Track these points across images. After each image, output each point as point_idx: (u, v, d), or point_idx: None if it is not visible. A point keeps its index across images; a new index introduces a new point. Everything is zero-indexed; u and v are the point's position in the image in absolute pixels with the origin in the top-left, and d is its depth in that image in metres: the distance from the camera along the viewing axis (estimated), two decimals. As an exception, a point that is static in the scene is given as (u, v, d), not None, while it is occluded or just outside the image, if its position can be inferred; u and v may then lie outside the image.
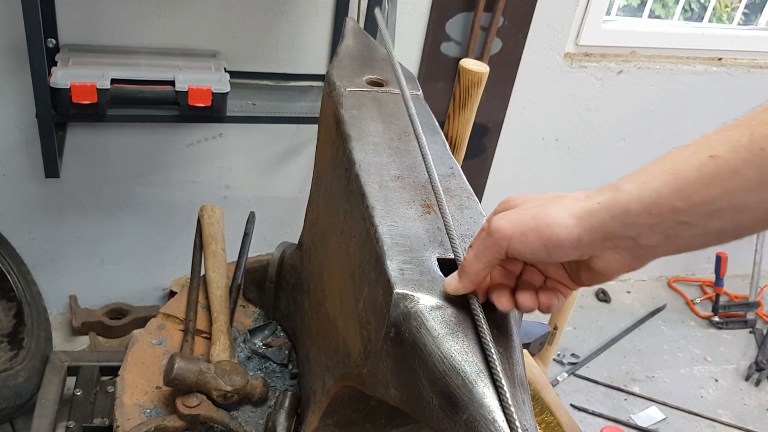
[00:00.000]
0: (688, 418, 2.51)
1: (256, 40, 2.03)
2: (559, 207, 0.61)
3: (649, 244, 0.59)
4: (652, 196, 0.57)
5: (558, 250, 0.61)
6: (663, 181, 0.57)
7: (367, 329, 0.78)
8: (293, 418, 1.08)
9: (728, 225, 0.56)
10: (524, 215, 0.62)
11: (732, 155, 0.54)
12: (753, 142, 0.53)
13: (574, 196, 0.63)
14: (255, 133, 2.20)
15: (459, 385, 0.64)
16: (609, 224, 0.59)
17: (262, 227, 2.33)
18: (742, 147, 0.54)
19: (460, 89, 1.30)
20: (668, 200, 0.56)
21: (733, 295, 3.13)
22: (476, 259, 0.65)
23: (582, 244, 0.60)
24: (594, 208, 0.60)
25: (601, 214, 0.59)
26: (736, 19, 2.67)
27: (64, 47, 1.85)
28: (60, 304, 2.37)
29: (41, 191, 2.11)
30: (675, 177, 0.56)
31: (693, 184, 0.55)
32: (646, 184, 0.58)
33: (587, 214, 0.60)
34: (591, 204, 0.60)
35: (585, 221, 0.60)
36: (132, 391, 1.14)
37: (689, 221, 0.56)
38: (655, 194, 0.57)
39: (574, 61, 2.43)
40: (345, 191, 0.91)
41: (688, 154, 0.57)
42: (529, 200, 0.65)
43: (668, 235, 0.58)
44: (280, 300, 1.30)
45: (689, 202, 0.56)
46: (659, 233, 0.58)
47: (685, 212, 0.56)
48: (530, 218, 0.62)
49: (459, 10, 2.17)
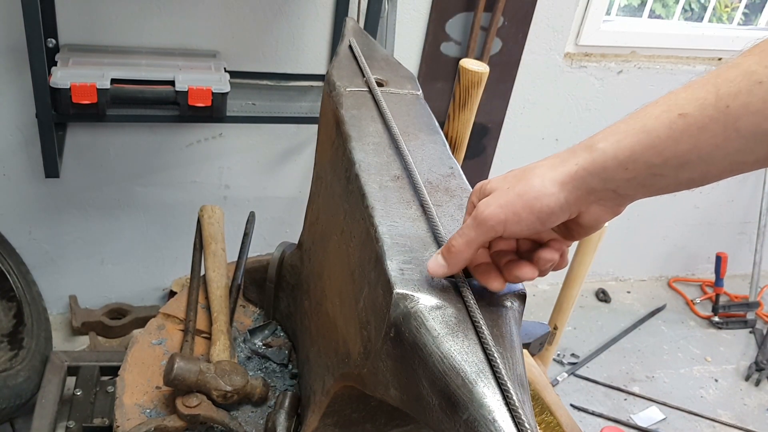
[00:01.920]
0: (688, 418, 2.51)
1: (256, 40, 2.03)
2: (541, 178, 0.65)
3: (627, 194, 0.64)
4: (626, 153, 0.61)
5: (551, 217, 0.65)
6: (636, 139, 0.61)
7: (367, 329, 0.78)
8: (293, 418, 1.08)
9: (697, 175, 0.60)
10: (510, 196, 0.65)
11: (700, 113, 0.58)
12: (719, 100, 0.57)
13: (548, 163, 0.67)
14: (255, 133, 2.20)
15: (459, 385, 0.64)
16: (590, 182, 0.63)
17: (262, 227, 2.33)
18: (709, 105, 0.57)
19: (460, 89, 1.30)
20: (642, 156, 0.61)
21: (733, 295, 3.13)
22: (467, 246, 0.68)
23: (570, 206, 0.64)
24: (573, 170, 0.64)
25: (581, 175, 0.63)
26: (736, 19, 2.67)
27: (64, 47, 1.85)
28: (60, 304, 2.37)
29: (41, 191, 2.11)
30: (647, 135, 0.60)
31: (664, 141, 0.59)
32: (620, 143, 0.62)
33: (569, 177, 0.64)
34: (570, 167, 0.64)
35: (568, 185, 0.64)
36: (132, 391, 1.14)
37: (662, 173, 0.61)
38: (629, 152, 0.61)
39: (574, 61, 2.43)
40: (345, 191, 0.91)
41: (658, 112, 0.61)
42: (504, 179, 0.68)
43: (643, 185, 0.62)
44: (280, 300, 1.30)
45: (661, 158, 0.60)
46: (635, 185, 0.62)
47: (657, 166, 0.60)
48: (517, 197, 0.65)
49: (459, 10, 2.17)
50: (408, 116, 1.00)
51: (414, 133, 0.97)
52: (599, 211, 0.66)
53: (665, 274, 3.26)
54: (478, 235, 0.67)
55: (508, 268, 0.70)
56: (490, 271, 0.70)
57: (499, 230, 0.65)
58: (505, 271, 0.70)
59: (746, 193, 3.06)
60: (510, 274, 0.69)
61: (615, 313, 2.98)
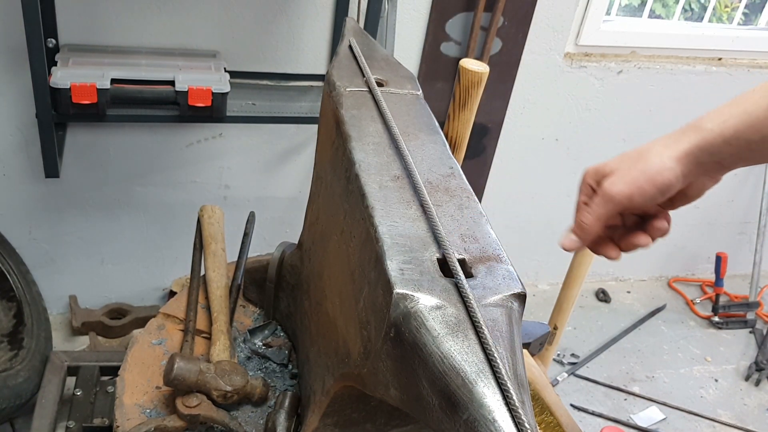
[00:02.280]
0: (688, 418, 2.51)
1: (256, 40, 2.03)
2: (659, 156, 0.77)
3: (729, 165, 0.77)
4: (730, 132, 0.74)
5: (670, 189, 0.77)
6: (739, 119, 0.74)
7: (367, 329, 0.78)
8: (293, 418, 1.08)
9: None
10: (634, 174, 0.77)
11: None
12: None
13: (662, 143, 0.78)
14: (255, 133, 2.20)
15: (459, 385, 0.64)
16: (700, 157, 0.76)
17: (262, 227, 2.33)
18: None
19: (460, 89, 1.30)
20: (744, 134, 0.74)
21: (733, 295, 3.13)
22: (597, 221, 0.79)
23: (685, 178, 0.77)
24: (687, 147, 0.76)
25: (693, 151, 0.76)
26: (736, 19, 2.67)
27: (64, 47, 1.85)
28: (60, 304, 2.37)
29: (41, 191, 2.11)
30: (748, 116, 0.73)
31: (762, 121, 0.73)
32: (725, 123, 0.75)
33: (684, 153, 0.76)
34: (683, 145, 0.76)
35: (683, 160, 0.76)
36: (132, 391, 1.14)
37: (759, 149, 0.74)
38: (733, 131, 0.74)
39: (574, 61, 2.43)
40: (345, 191, 0.91)
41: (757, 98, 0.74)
42: (622, 161, 0.79)
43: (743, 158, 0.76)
44: (280, 300, 1.30)
45: (759, 135, 0.73)
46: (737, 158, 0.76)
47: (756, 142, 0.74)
48: (640, 173, 0.76)
49: (459, 10, 2.17)
50: (408, 116, 1.00)
51: (414, 133, 0.97)
52: (704, 181, 0.79)
53: (665, 274, 3.26)
54: (608, 210, 0.78)
55: (624, 240, 0.81)
56: (607, 243, 0.82)
57: (625, 204, 0.77)
58: (622, 243, 0.82)
59: (746, 193, 3.06)
60: (628, 243, 0.81)
61: (615, 313, 2.98)
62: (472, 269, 0.75)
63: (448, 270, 0.73)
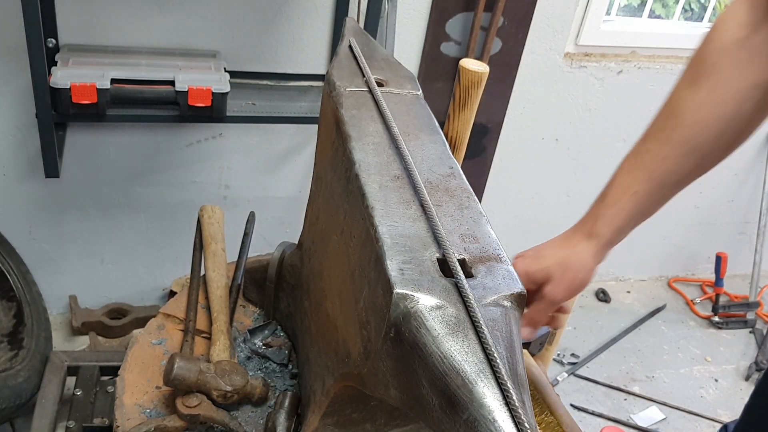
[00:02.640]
0: (688, 418, 2.51)
1: (256, 40, 2.03)
2: (581, 264, 0.98)
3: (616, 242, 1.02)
4: (623, 231, 1.01)
5: (587, 285, 1.01)
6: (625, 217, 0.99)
7: (367, 329, 0.78)
8: (293, 418, 1.08)
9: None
10: (568, 282, 0.98)
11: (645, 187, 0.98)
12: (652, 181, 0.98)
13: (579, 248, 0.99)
14: (255, 133, 2.20)
15: (459, 385, 0.64)
16: (605, 253, 1.00)
17: (262, 227, 2.33)
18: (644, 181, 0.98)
19: (460, 89, 1.30)
20: (628, 227, 1.01)
21: (733, 295, 3.13)
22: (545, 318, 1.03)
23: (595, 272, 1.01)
24: (595, 252, 0.98)
25: (599, 254, 0.99)
26: (736, 19, 2.67)
27: (64, 47, 1.85)
28: (60, 304, 2.37)
29: (41, 191, 2.11)
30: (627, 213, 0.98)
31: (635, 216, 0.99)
32: (615, 225, 0.99)
33: (595, 260, 0.99)
34: (592, 250, 0.98)
35: (597, 259, 0.99)
36: (132, 391, 1.14)
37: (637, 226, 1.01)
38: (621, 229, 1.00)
39: (574, 61, 2.43)
40: (345, 191, 0.91)
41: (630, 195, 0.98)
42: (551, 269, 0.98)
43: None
44: (280, 300, 1.30)
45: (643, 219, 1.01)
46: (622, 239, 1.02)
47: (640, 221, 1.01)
48: (573, 281, 0.99)
49: (459, 10, 2.17)
50: (408, 116, 1.00)
51: (414, 133, 0.97)
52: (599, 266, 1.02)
53: (665, 274, 3.26)
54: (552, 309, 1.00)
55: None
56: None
57: (560, 302, 1.00)
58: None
59: (746, 193, 3.06)
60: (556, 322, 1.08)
61: (615, 313, 2.98)
62: (472, 269, 0.75)
63: (448, 270, 0.73)
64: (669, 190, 0.99)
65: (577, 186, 2.74)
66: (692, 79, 0.92)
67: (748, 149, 2.91)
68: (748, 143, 2.99)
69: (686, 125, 0.92)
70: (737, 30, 0.90)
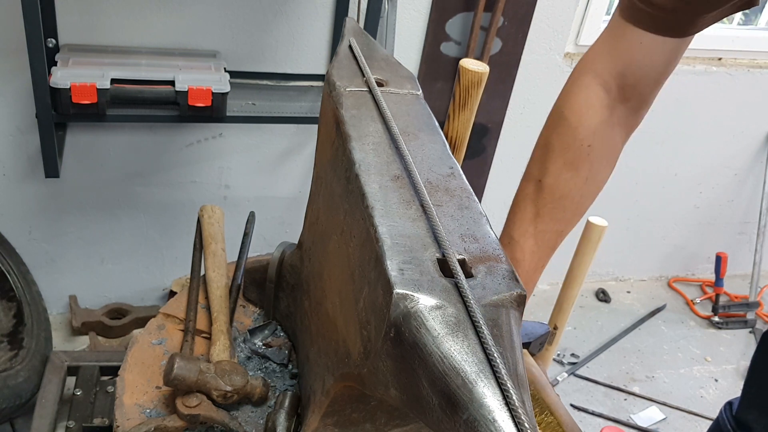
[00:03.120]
0: (688, 418, 2.51)
1: (256, 40, 2.03)
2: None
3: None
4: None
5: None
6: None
7: (366, 329, 0.78)
8: (293, 418, 1.08)
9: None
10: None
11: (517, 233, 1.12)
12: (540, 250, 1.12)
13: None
14: (255, 133, 2.20)
15: (459, 385, 0.64)
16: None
17: (262, 227, 2.33)
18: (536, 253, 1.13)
19: (460, 89, 1.30)
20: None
21: (732, 295, 3.13)
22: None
23: None
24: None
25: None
26: (736, 19, 2.67)
27: (64, 47, 1.85)
28: (60, 304, 2.37)
29: (41, 191, 2.11)
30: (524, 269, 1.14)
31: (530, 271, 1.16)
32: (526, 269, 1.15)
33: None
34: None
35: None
36: (132, 391, 1.14)
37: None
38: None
39: (574, 61, 2.43)
40: (345, 191, 0.91)
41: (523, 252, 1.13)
42: None
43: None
44: (280, 300, 1.30)
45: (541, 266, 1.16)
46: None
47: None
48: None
49: (459, 10, 2.17)
50: (408, 116, 1.00)
51: (414, 133, 0.97)
52: None
53: (665, 274, 3.26)
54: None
55: None
56: None
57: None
58: None
59: (746, 193, 3.06)
60: None
61: (615, 313, 2.98)
62: (472, 269, 0.75)
63: (448, 270, 0.73)
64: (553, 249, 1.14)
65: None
66: (571, 162, 1.07)
67: (748, 149, 2.91)
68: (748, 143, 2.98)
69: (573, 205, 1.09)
70: (601, 112, 1.05)
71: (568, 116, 1.09)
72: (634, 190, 2.85)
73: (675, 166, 2.83)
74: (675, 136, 2.73)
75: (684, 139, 2.76)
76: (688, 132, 2.74)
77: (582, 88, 1.08)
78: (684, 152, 2.79)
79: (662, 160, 2.80)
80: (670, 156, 2.79)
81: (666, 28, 0.98)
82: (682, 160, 2.82)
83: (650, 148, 2.72)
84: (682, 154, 2.80)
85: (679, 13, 0.96)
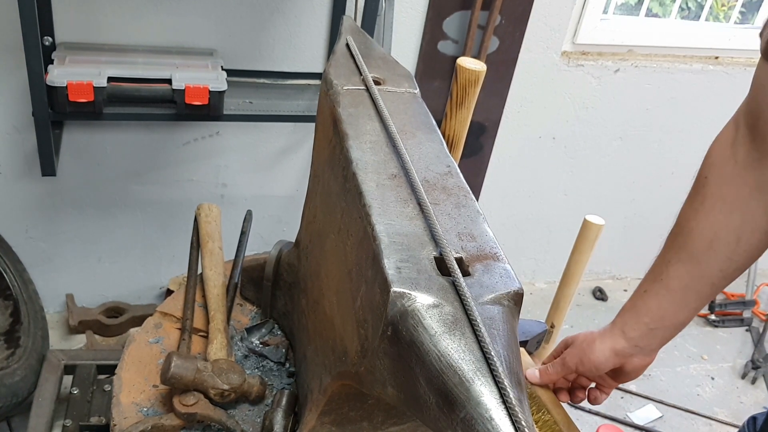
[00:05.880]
0: (685, 416, 2.51)
1: (254, 38, 2.03)
2: (600, 349, 1.06)
3: (657, 349, 1.11)
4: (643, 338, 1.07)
5: (601, 369, 1.08)
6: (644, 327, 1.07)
7: (364, 327, 0.78)
8: (290, 416, 1.08)
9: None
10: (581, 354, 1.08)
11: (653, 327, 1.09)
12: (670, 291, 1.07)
13: (604, 338, 1.07)
14: (252, 131, 2.20)
15: (456, 384, 0.64)
16: (627, 350, 1.07)
17: (259, 226, 2.33)
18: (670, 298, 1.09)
19: (458, 88, 1.30)
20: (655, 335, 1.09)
21: (729, 294, 3.14)
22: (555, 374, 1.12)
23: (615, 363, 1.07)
24: (619, 348, 1.06)
25: (623, 351, 1.06)
26: (733, 17, 2.67)
27: (61, 45, 1.85)
28: (57, 303, 2.36)
29: (38, 190, 2.10)
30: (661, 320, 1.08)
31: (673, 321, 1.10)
32: (638, 331, 1.07)
33: (615, 352, 1.06)
34: (618, 345, 1.06)
35: (617, 355, 1.06)
36: (129, 389, 1.14)
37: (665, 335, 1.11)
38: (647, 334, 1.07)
39: (571, 59, 2.43)
40: (342, 190, 0.91)
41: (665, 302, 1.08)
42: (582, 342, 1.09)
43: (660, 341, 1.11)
44: (278, 298, 1.30)
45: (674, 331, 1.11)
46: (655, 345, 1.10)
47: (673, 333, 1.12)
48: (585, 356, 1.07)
49: (456, 9, 2.17)
50: (405, 114, 1.00)
51: (411, 132, 0.97)
52: (635, 362, 1.08)
53: (662, 273, 3.26)
54: (562, 370, 1.11)
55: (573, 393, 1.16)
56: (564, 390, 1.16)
57: (573, 370, 1.10)
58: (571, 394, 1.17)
59: (743, 191, 3.06)
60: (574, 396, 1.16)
61: (612, 311, 2.97)
62: (469, 267, 0.75)
63: (445, 268, 0.73)
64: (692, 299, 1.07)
65: (574, 184, 2.74)
66: (692, 194, 1.04)
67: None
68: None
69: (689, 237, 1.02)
70: (724, 146, 1.02)
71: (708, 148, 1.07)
72: (630, 189, 2.85)
73: (672, 165, 2.84)
74: (672, 134, 2.73)
75: (681, 137, 2.76)
76: (685, 130, 2.75)
77: (728, 122, 1.07)
78: (681, 151, 2.80)
79: (659, 159, 2.80)
80: (666, 154, 2.80)
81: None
82: (678, 159, 2.82)
83: (647, 147, 2.73)
84: (679, 153, 2.80)
85: None
